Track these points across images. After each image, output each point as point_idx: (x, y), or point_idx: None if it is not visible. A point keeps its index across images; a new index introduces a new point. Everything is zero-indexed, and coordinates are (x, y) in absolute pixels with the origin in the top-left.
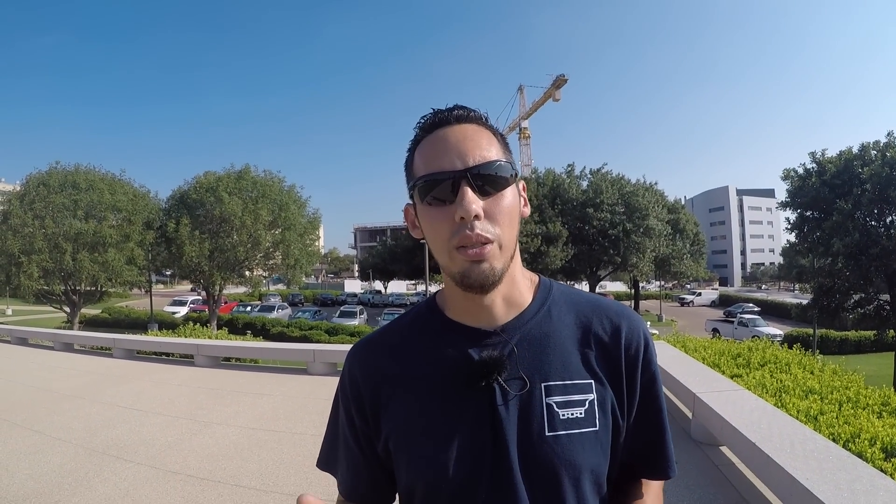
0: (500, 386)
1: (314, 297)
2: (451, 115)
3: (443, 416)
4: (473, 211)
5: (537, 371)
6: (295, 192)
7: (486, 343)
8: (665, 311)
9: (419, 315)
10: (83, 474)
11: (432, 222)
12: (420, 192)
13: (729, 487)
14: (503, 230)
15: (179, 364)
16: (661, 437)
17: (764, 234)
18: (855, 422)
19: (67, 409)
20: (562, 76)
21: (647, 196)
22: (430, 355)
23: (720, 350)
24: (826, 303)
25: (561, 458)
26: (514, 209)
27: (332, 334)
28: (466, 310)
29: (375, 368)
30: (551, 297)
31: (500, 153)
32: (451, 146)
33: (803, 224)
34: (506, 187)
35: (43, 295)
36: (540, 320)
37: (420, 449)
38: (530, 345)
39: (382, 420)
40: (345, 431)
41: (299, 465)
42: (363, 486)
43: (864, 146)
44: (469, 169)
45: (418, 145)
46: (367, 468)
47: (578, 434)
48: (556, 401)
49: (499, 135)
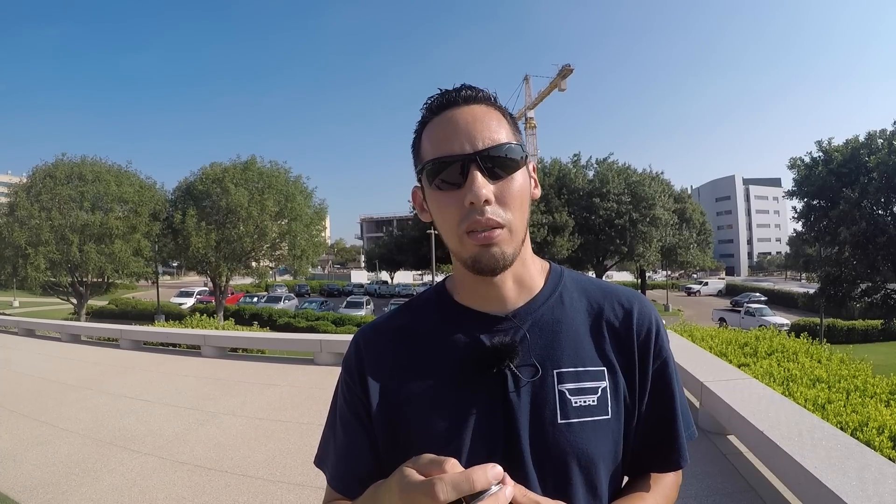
0: (512, 372)
1: (321, 288)
2: (459, 95)
3: (454, 402)
4: (483, 196)
5: (549, 358)
6: (301, 182)
7: (498, 329)
8: (672, 300)
9: (428, 300)
10: (91, 464)
11: (441, 206)
12: (428, 175)
13: (737, 476)
14: (514, 214)
15: (186, 355)
16: (672, 425)
17: (771, 223)
18: (863, 410)
19: (75, 400)
20: (568, 66)
21: (654, 185)
22: (441, 341)
23: (727, 339)
24: (833, 292)
25: (573, 447)
26: (524, 192)
27: (338, 325)
28: (477, 294)
29: (383, 353)
30: (562, 282)
31: (510, 135)
32: (460, 128)
33: (810, 213)
34: (516, 170)
35: (50, 286)
36: (552, 306)
37: (431, 437)
38: (542, 331)
39: (389, 407)
40: (346, 413)
41: (306, 454)
42: (360, 478)
43: (871, 134)
44: (479, 152)
45: (426, 127)
46: (371, 449)
47: (591, 422)
48: (569, 388)
49: (508, 115)
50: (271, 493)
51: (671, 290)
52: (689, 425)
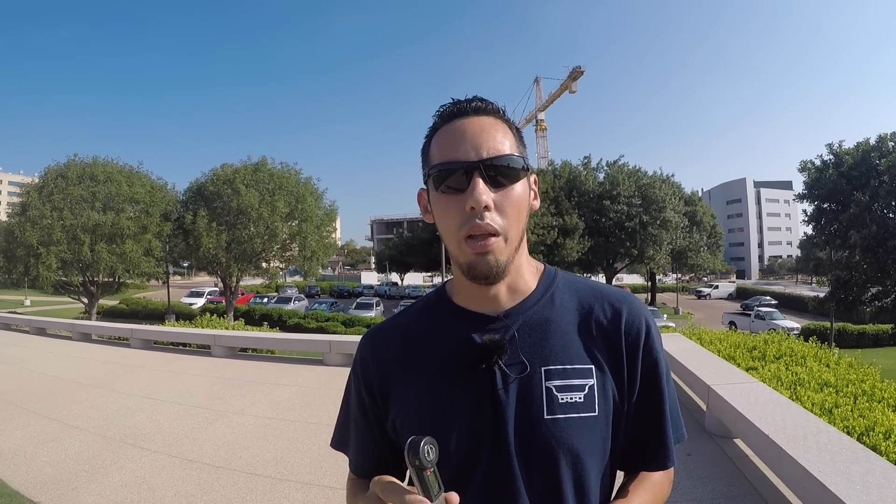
0: (501, 369)
1: (331, 289)
2: (469, 106)
3: (446, 397)
4: (484, 201)
5: (538, 355)
6: (312, 184)
7: (489, 328)
8: (682, 303)
9: (428, 302)
10: (101, 462)
11: (444, 210)
12: (434, 179)
13: (742, 480)
14: (510, 223)
15: (196, 354)
16: (661, 425)
17: (782, 226)
18: (870, 415)
19: (85, 398)
20: (578, 68)
21: (664, 188)
22: (436, 339)
23: (736, 343)
24: (843, 296)
25: (558, 442)
26: (522, 202)
27: (348, 326)
28: (472, 296)
29: (386, 353)
30: (555, 284)
31: (514, 147)
32: (467, 137)
33: (820, 216)
34: (517, 181)
35: (61, 286)
36: (542, 306)
37: (423, 429)
38: (532, 330)
39: (391, 401)
40: (356, 412)
41: (314, 454)
42: (372, 462)
43: (882, 137)
44: (482, 160)
45: (436, 133)
46: (376, 446)
47: (577, 418)
48: (556, 385)
49: (514, 128)
50: (279, 491)
51: (681, 294)
52: (679, 427)
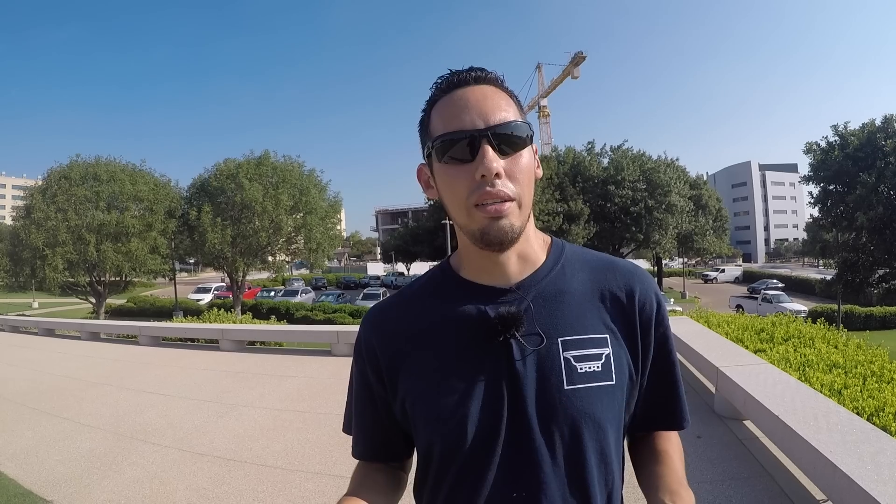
0: (518, 341)
1: (337, 281)
2: (469, 75)
3: (460, 373)
4: (494, 169)
5: (553, 327)
6: (315, 176)
7: (502, 300)
8: (689, 287)
9: (433, 277)
10: (112, 458)
11: (450, 181)
12: (438, 151)
13: (752, 460)
14: (522, 189)
15: (204, 349)
16: (675, 390)
17: (787, 209)
18: (879, 396)
19: (95, 396)
20: (580, 53)
21: (669, 172)
22: (446, 314)
23: (744, 325)
24: (850, 278)
25: (581, 412)
26: (530, 169)
27: (355, 317)
28: (482, 268)
29: (390, 330)
30: (564, 255)
31: (518, 114)
32: (471, 106)
33: (826, 198)
34: (523, 148)
35: (68, 287)
36: (554, 277)
37: (437, 407)
38: (546, 301)
39: (399, 381)
40: (360, 394)
41: (324, 444)
42: (377, 446)
43: (888, 118)
44: (490, 128)
45: (435, 105)
46: (382, 429)
47: (597, 387)
48: (574, 355)
49: (514, 96)
50: (290, 481)
51: (688, 278)
52: None
